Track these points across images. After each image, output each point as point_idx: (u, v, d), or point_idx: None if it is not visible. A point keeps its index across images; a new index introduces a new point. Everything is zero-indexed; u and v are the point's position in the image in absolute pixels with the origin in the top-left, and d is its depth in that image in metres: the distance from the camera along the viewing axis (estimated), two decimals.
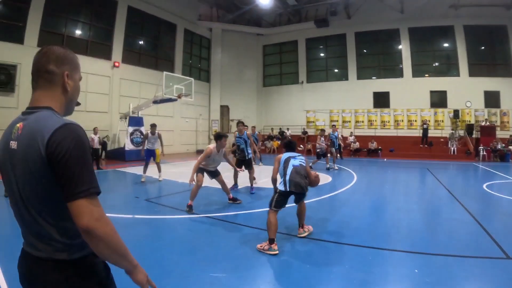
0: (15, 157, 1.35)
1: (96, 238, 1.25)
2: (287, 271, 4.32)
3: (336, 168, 15.61)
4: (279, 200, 5.06)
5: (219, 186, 8.06)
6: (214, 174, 7.82)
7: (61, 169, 1.25)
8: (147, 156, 11.79)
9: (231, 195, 8.20)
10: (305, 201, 5.58)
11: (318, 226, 6.10)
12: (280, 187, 5.09)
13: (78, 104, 1.81)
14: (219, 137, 7.59)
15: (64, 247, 1.36)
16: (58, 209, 1.32)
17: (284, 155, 5.40)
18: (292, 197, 5.28)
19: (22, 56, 16.67)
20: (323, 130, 16.15)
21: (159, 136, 12.07)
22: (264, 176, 12.59)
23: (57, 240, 1.35)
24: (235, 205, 8.00)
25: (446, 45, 25.45)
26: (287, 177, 5.04)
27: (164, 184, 11.41)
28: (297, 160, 5.34)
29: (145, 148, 11.90)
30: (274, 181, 5.45)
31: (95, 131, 15.34)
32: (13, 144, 1.36)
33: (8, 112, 16.19)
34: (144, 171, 11.59)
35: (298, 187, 5.00)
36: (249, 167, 10.16)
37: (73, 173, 1.25)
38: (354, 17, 27.53)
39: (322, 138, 15.17)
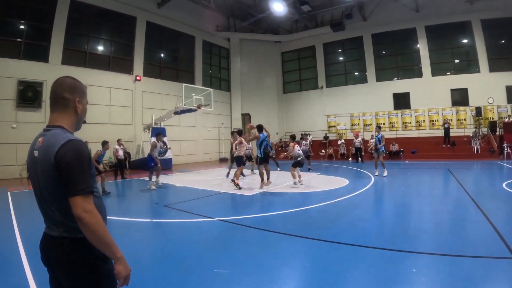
0: (37, 163, 1.82)
1: (85, 226, 1.67)
2: (290, 271, 4.47)
3: (382, 174, 13.91)
4: None
5: (234, 191, 8.31)
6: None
7: (64, 174, 1.71)
8: (155, 164, 12.40)
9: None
10: (323, 203, 5.72)
11: (332, 227, 6.27)
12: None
13: (85, 122, 2.28)
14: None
15: (69, 228, 1.79)
16: (63, 202, 1.74)
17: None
18: None
19: (47, 73, 17.65)
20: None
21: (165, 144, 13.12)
22: (280, 181, 12.81)
23: (64, 224, 1.80)
24: (246, 209, 8.30)
25: (464, 41, 24.93)
26: None
27: (184, 191, 11.79)
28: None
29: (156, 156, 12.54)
30: None
31: (119, 142, 15.90)
32: (36, 153, 1.84)
33: (36, 126, 17.06)
34: (151, 178, 12.27)
35: None
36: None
37: (73, 177, 1.70)
38: (369, 19, 27.47)
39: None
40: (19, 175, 17.16)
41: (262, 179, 10.93)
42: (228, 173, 14.92)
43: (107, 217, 2.01)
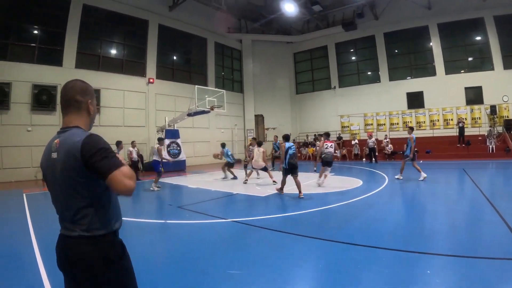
0: (56, 164, 1.87)
1: (135, 184, 1.83)
2: (304, 272, 4.48)
3: (419, 178, 12.59)
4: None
5: (248, 193, 8.33)
6: None
7: (95, 160, 1.77)
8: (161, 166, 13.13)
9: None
10: (337, 204, 5.71)
11: (345, 228, 6.25)
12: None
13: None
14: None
15: (88, 227, 1.84)
16: (84, 200, 1.84)
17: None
18: None
19: (61, 77, 17.93)
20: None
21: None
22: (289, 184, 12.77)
23: (83, 223, 1.84)
24: (260, 210, 8.35)
25: (477, 38, 24.48)
26: None
27: (198, 192, 11.87)
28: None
29: (155, 159, 13.33)
30: None
31: (133, 144, 16.12)
32: (54, 155, 1.89)
33: (51, 129, 17.49)
34: (157, 181, 12.75)
35: None
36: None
37: (105, 159, 1.78)
38: (381, 18, 27.27)
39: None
40: (34, 177, 17.46)
41: (281, 188, 10.53)
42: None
43: (123, 218, 2.07)
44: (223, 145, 15.17)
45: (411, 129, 13.99)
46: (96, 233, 1.84)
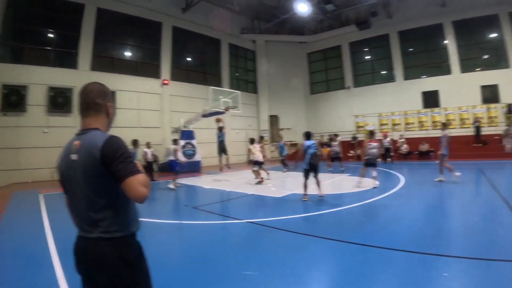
0: (77, 165, 1.90)
1: (149, 192, 1.87)
2: (319, 273, 4.50)
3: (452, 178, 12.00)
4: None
5: (263, 193, 8.37)
6: None
7: (113, 163, 1.81)
8: (179, 167, 13.41)
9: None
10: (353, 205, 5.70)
11: (361, 230, 6.25)
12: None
13: None
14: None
15: (107, 229, 1.88)
16: (104, 202, 1.87)
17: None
18: None
19: (77, 80, 18.42)
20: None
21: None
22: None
23: (102, 225, 1.87)
24: (275, 211, 8.43)
25: (493, 35, 23.96)
26: None
27: (213, 192, 11.96)
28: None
29: (170, 159, 13.73)
30: None
31: (148, 145, 16.30)
32: (74, 156, 1.91)
33: (67, 130, 17.79)
34: (175, 179, 12.97)
35: None
36: None
37: (123, 162, 1.82)
38: (395, 16, 27.02)
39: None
40: (50, 177, 17.80)
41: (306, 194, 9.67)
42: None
43: (140, 218, 2.11)
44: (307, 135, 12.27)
45: (444, 125, 12.84)
46: (114, 235, 1.88)
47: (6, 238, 6.76)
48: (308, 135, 9.95)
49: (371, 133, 12.35)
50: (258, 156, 13.29)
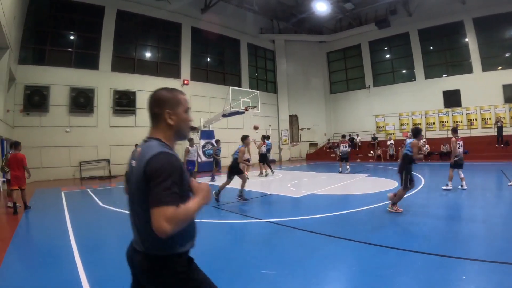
0: (133, 172, 1.85)
1: (174, 229, 1.62)
2: (337, 274, 4.52)
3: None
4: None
5: (282, 193, 8.44)
6: None
7: (150, 183, 1.67)
8: (192, 167, 12.96)
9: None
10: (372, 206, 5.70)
11: (380, 231, 6.27)
12: None
13: (194, 128, 2.32)
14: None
15: (152, 246, 1.77)
16: (148, 215, 1.65)
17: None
18: None
19: (98, 80, 19.00)
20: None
21: (197, 148, 13.27)
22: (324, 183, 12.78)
23: (148, 240, 1.77)
24: (294, 211, 8.58)
25: None
26: None
27: (232, 191, 12.02)
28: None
29: (188, 159, 13.27)
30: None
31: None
32: (133, 163, 1.87)
33: (89, 130, 18.52)
34: None
35: None
36: None
37: (156, 187, 1.64)
38: (415, 14, 26.74)
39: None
40: (71, 176, 18.31)
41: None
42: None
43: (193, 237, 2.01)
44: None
45: (454, 131, 11.24)
46: (159, 253, 1.78)
47: (32, 233, 7.16)
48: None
49: (454, 131, 10.98)
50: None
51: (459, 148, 10.67)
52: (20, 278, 4.45)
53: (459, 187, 10.54)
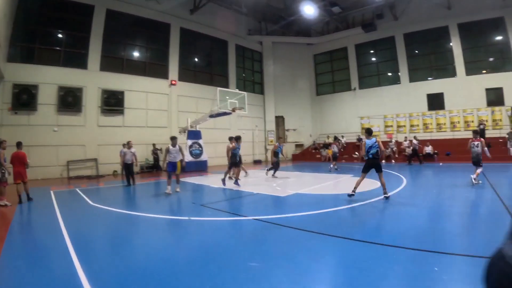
0: None
1: None
2: (320, 265, 4.74)
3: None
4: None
5: (268, 193, 8.63)
6: None
7: None
8: (170, 169, 11.91)
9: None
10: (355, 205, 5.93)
11: (362, 227, 6.54)
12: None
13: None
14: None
15: None
16: None
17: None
18: None
19: (86, 79, 19.05)
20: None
21: (180, 149, 12.13)
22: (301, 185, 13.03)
23: None
24: (280, 209, 8.78)
25: (498, 38, 24.15)
26: None
27: (220, 191, 12.27)
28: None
29: (168, 161, 11.92)
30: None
31: (128, 145, 14.46)
32: None
33: (77, 129, 18.56)
34: (169, 183, 11.82)
35: None
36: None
37: None
38: (401, 18, 27.32)
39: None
40: (59, 175, 18.29)
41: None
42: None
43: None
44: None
45: (476, 132, 12.34)
46: None
47: (25, 231, 7.22)
48: (370, 132, 10.49)
49: (476, 132, 12.01)
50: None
51: (472, 148, 11.66)
52: (18, 274, 4.52)
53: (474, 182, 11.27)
